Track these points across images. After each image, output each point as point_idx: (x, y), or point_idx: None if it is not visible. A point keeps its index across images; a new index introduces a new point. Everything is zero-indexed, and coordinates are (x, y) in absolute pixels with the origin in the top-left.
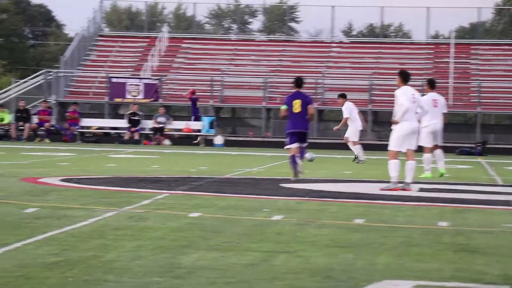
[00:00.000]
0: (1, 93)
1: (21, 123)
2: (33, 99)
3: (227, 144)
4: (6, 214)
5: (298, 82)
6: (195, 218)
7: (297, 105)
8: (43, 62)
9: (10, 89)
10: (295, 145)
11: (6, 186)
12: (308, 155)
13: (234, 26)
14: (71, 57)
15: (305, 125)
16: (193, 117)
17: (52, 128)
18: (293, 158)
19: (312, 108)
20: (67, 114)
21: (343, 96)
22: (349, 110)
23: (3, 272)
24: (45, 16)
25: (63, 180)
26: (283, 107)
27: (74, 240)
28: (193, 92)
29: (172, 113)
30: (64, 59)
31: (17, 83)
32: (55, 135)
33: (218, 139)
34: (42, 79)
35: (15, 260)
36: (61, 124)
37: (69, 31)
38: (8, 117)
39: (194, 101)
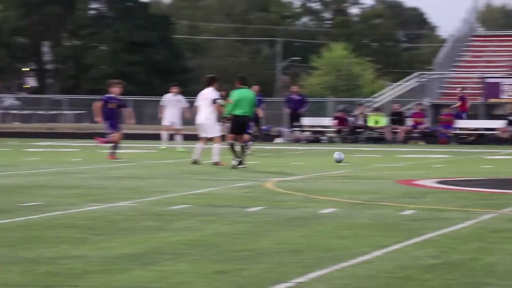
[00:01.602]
0: (376, 97)
1: (395, 126)
2: (407, 102)
3: None
4: (384, 216)
5: None
6: None
7: None
8: (416, 64)
9: (384, 93)
10: None
11: (383, 188)
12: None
13: None
14: (444, 59)
15: None
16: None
17: (427, 130)
18: None
19: None
20: (440, 116)
21: None
22: None
23: (383, 273)
24: (419, 19)
25: (439, 182)
26: None
27: (452, 243)
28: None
29: None
30: (437, 61)
31: (391, 87)
32: (429, 137)
33: None
34: (415, 82)
35: (395, 262)
36: (435, 126)
37: (442, 33)
38: (383, 120)
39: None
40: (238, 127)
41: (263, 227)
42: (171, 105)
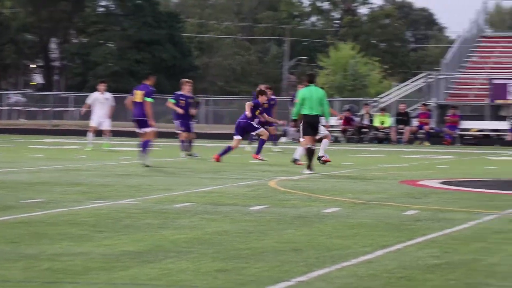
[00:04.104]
0: (382, 97)
1: (401, 126)
2: (413, 102)
3: None
4: (387, 216)
5: None
6: None
7: None
8: (424, 65)
9: (391, 93)
10: None
11: (387, 188)
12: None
13: None
14: (451, 60)
15: None
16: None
17: (432, 131)
18: None
19: None
20: (446, 117)
21: None
22: None
23: (385, 273)
24: (427, 20)
25: (442, 183)
26: None
27: (454, 243)
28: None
29: None
30: (444, 62)
31: (398, 87)
32: (435, 138)
33: None
34: (422, 82)
35: (396, 262)
36: (441, 127)
37: (450, 34)
38: (389, 120)
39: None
40: (309, 127)
41: (266, 226)
42: (99, 104)
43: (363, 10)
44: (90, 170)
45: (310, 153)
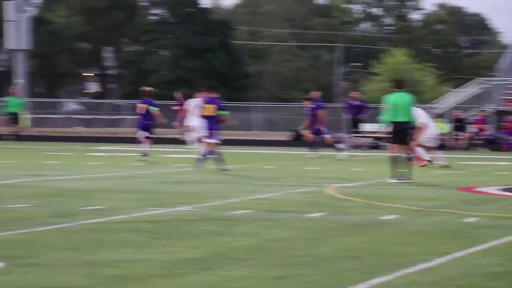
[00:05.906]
0: (438, 103)
1: (458, 133)
2: (470, 108)
3: None
4: (445, 223)
5: None
6: None
7: None
8: (479, 70)
9: (446, 99)
10: None
11: (444, 195)
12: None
13: None
14: (507, 65)
15: None
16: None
17: (490, 137)
18: None
19: None
20: (503, 123)
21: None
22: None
23: (446, 280)
24: (481, 25)
25: (502, 190)
26: None
27: None
28: None
29: None
30: (500, 67)
31: (454, 93)
32: (493, 144)
33: None
34: (477, 88)
35: (458, 269)
36: (499, 133)
37: (505, 38)
38: (446, 127)
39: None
40: (399, 135)
41: (323, 233)
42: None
43: (415, 15)
44: (146, 177)
45: (398, 161)
